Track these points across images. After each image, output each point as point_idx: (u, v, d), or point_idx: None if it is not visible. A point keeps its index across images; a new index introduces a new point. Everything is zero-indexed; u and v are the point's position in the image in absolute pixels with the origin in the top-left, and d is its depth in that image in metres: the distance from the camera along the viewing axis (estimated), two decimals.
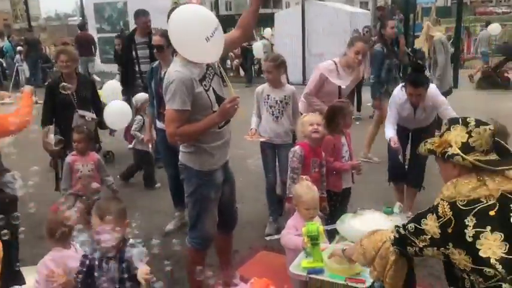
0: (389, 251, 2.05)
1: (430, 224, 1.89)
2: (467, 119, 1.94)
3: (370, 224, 2.78)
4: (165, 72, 3.40)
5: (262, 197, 4.70)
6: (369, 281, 2.33)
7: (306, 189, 3.11)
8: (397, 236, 2.04)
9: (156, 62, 4.52)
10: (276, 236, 2.76)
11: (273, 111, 4.34)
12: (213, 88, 3.00)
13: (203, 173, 3.02)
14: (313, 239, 2.50)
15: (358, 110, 9.43)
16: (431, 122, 4.53)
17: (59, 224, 2.63)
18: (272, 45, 14.71)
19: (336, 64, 4.64)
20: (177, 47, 2.82)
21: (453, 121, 1.98)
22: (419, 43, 9.64)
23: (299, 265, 2.55)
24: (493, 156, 1.90)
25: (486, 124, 1.92)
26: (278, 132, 4.35)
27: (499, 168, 1.87)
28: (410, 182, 4.65)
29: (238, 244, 4.22)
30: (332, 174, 3.84)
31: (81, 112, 4.74)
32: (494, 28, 16.11)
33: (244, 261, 3.99)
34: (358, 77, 4.92)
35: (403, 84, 4.35)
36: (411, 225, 1.97)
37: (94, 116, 4.91)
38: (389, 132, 4.32)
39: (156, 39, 4.40)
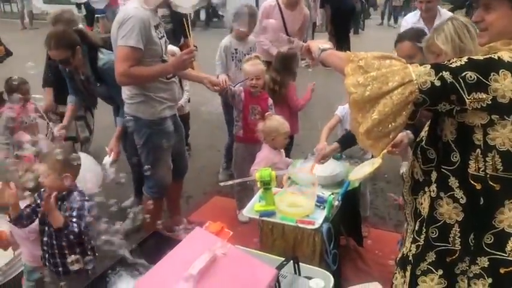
0: (412, 97, 1.48)
1: (504, 84, 1.45)
2: None
3: (320, 168, 2.89)
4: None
5: (215, 143, 4.73)
6: (318, 223, 2.44)
7: (281, 120, 3.33)
8: (437, 83, 1.46)
9: None
10: (229, 182, 2.81)
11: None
12: (165, 39, 2.99)
13: (153, 122, 3.00)
14: (266, 184, 2.56)
15: None
16: None
17: None
18: None
19: (277, 1, 4.76)
20: None
21: None
22: None
23: (252, 208, 2.63)
24: None
25: None
26: None
27: None
28: None
29: (192, 190, 4.29)
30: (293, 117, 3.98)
31: None
32: None
33: (198, 206, 4.07)
34: (304, 15, 4.94)
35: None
36: (471, 75, 1.45)
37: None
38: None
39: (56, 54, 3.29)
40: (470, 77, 1.45)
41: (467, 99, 1.46)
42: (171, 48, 3.81)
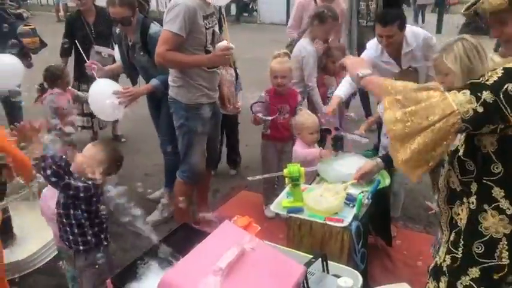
0: (454, 128, 1.41)
1: None
2: None
3: (350, 165, 2.84)
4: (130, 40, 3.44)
5: (243, 137, 4.71)
6: (347, 221, 2.41)
7: (306, 116, 3.34)
8: (480, 110, 1.38)
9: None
10: (257, 177, 2.80)
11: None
12: (213, 30, 3.08)
13: (190, 107, 3.12)
14: (294, 180, 2.54)
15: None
16: None
17: None
18: None
19: None
20: None
21: None
22: None
23: (279, 204, 2.61)
24: None
25: None
26: None
27: None
28: None
29: (220, 183, 4.30)
30: None
31: (97, 48, 4.53)
32: None
33: (225, 200, 4.08)
34: (341, 10, 4.69)
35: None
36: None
37: (112, 52, 4.42)
38: (339, 90, 3.41)
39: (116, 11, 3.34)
40: None
41: (511, 116, 1.39)
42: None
